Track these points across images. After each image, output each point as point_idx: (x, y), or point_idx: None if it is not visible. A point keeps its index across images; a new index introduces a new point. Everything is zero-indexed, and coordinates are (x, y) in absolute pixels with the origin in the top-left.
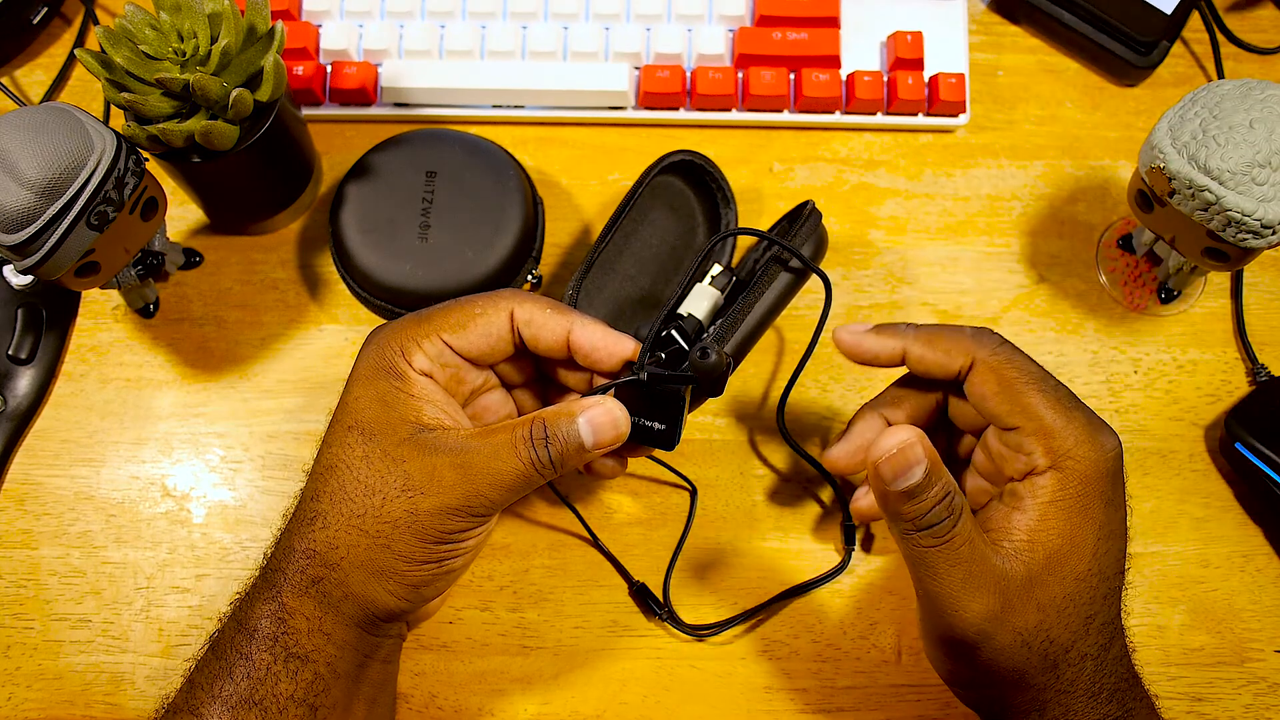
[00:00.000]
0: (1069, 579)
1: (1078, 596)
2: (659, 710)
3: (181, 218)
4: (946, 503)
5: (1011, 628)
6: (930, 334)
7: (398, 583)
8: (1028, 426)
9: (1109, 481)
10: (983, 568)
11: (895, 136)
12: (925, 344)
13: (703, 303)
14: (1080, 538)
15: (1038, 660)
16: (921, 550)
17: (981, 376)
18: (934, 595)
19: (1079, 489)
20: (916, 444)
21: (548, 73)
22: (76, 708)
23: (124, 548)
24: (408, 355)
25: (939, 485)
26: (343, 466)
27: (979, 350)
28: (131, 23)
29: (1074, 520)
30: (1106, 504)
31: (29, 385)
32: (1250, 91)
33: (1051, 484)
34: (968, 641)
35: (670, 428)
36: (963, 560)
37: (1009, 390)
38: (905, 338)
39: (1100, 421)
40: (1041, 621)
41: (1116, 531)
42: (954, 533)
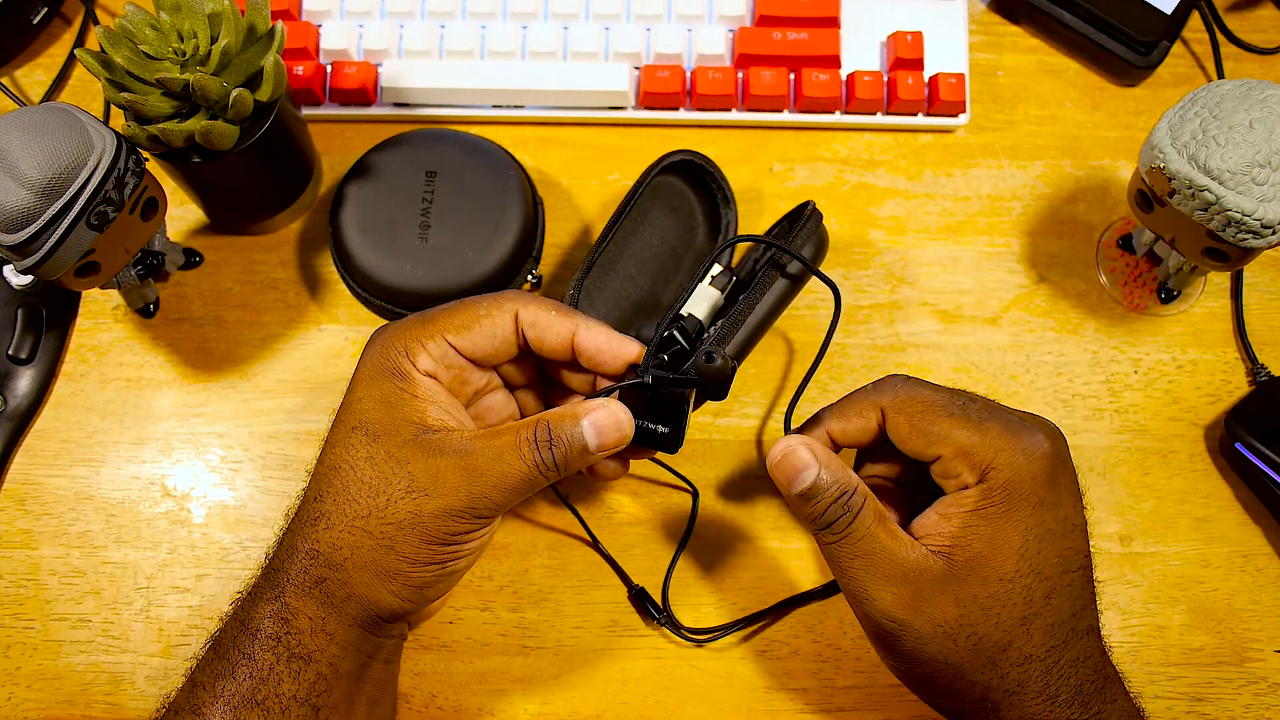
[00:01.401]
0: (992, 580)
1: (1005, 597)
2: (659, 710)
3: (181, 218)
4: (842, 501)
5: (928, 617)
6: (840, 407)
7: (401, 584)
8: (947, 452)
9: (1038, 482)
10: (887, 559)
11: (895, 136)
12: (840, 418)
13: (703, 303)
14: (1003, 540)
15: (969, 655)
16: (826, 547)
17: (893, 422)
18: (845, 589)
19: (1001, 496)
20: (800, 449)
21: (548, 73)
22: (76, 708)
23: (124, 548)
24: (412, 356)
25: (833, 486)
26: (346, 467)
27: (882, 398)
28: (131, 23)
29: (996, 525)
30: (1036, 506)
31: (29, 385)
32: (1250, 91)
33: (975, 495)
34: (885, 630)
35: (674, 430)
36: (862, 553)
37: (919, 425)
38: (824, 424)
39: (1021, 425)
40: (962, 616)
41: (1055, 531)
42: (851, 528)
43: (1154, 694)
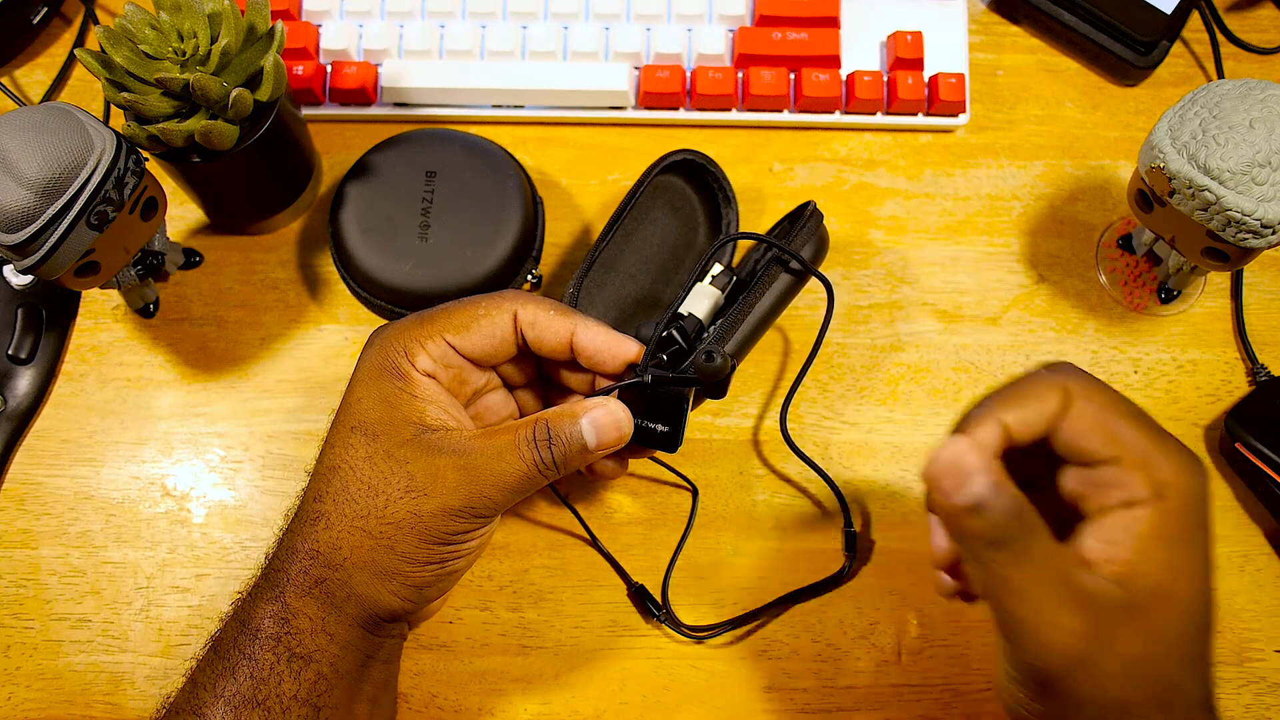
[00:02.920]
0: (1179, 611)
1: (1189, 631)
2: (659, 710)
3: (181, 218)
4: (1018, 515)
5: (1115, 652)
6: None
7: (400, 583)
8: (1126, 459)
9: (1207, 511)
10: (1072, 584)
11: (895, 136)
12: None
13: (703, 302)
14: (1189, 568)
15: (1144, 696)
16: (998, 570)
17: (1078, 413)
18: (1018, 619)
19: (1182, 519)
20: (970, 452)
21: (548, 73)
22: (76, 708)
23: (124, 548)
24: (411, 356)
25: (1006, 496)
26: (345, 467)
27: (1069, 385)
28: (131, 23)
29: (1177, 552)
30: (1206, 535)
31: (29, 385)
32: (1250, 91)
33: (1153, 516)
34: (1062, 667)
35: (673, 429)
36: (1045, 578)
37: (1104, 421)
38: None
39: (1189, 450)
40: (1149, 651)
41: (1212, 563)
42: (1033, 548)
43: None
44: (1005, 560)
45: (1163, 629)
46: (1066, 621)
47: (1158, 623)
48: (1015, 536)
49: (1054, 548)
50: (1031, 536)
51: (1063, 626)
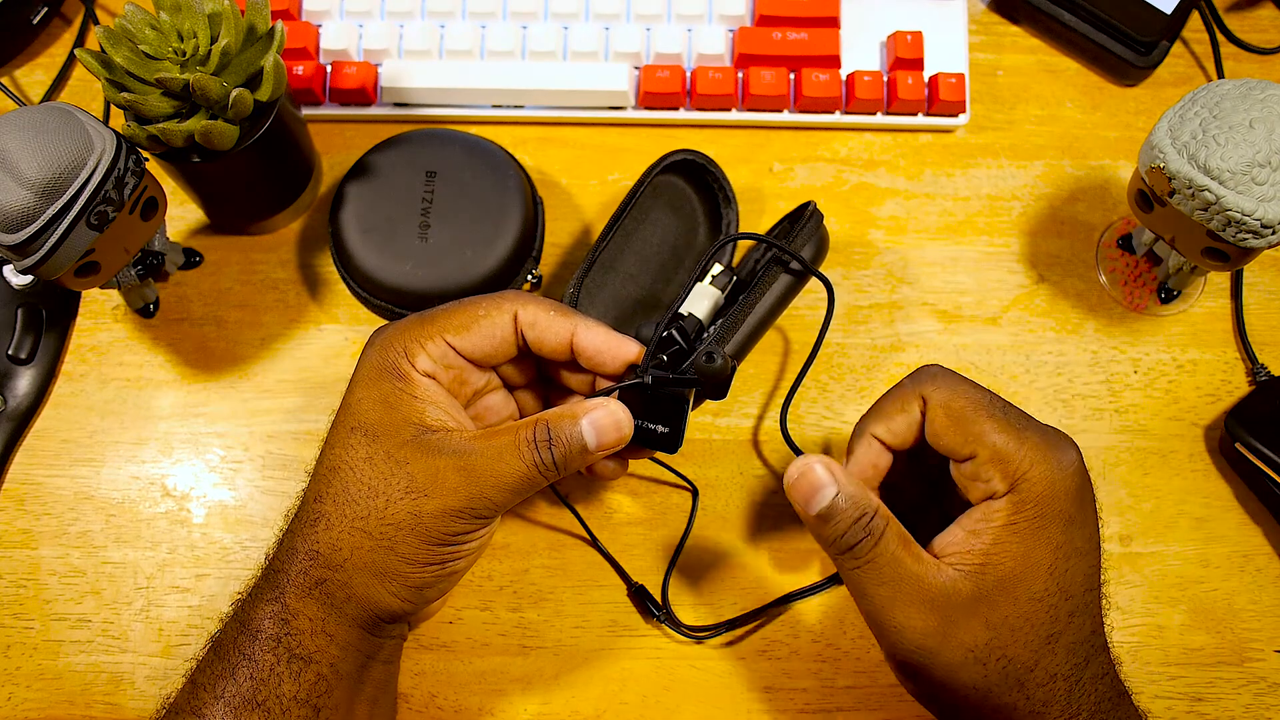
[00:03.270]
0: (1023, 599)
1: (1034, 616)
2: (659, 710)
3: (181, 218)
4: (863, 523)
5: (958, 643)
6: (878, 409)
7: (400, 584)
8: (982, 454)
9: (1069, 499)
10: (914, 585)
11: (895, 136)
12: (882, 419)
13: (703, 302)
14: (1035, 558)
15: (998, 678)
16: (848, 573)
17: (933, 414)
18: (868, 615)
19: (1034, 510)
20: (817, 467)
21: (548, 73)
22: (76, 708)
23: (124, 548)
24: (411, 356)
25: (851, 507)
26: (345, 468)
27: (922, 388)
28: (131, 23)
29: (1028, 542)
30: (1067, 523)
31: (29, 385)
32: (1250, 91)
33: (1006, 508)
34: (912, 661)
35: (673, 430)
36: (889, 580)
37: (959, 421)
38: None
39: (1056, 438)
40: (993, 639)
41: (1082, 549)
42: (874, 552)
43: (1154, 694)
44: (850, 564)
45: (1005, 617)
46: (910, 620)
47: (1000, 612)
48: (860, 542)
49: (902, 551)
50: (879, 541)
51: (905, 625)
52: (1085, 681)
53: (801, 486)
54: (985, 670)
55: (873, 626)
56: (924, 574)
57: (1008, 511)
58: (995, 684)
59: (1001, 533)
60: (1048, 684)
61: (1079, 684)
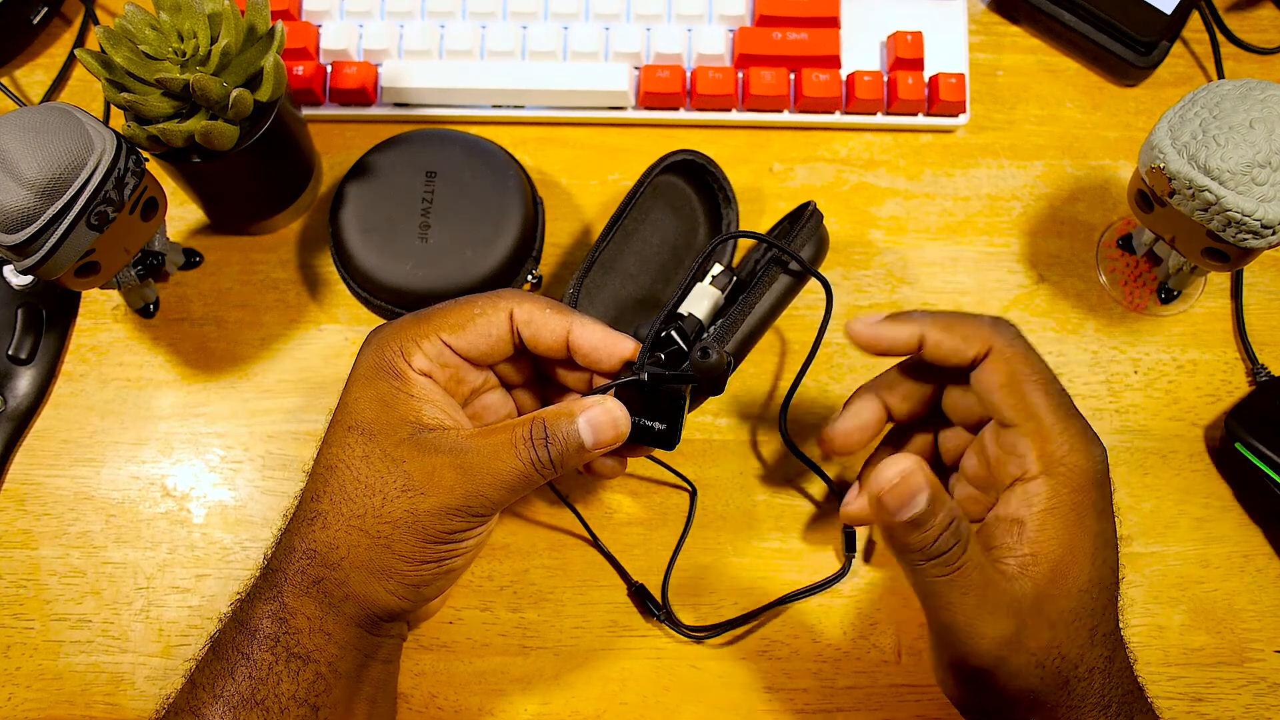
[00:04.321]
0: (1073, 591)
1: (1082, 609)
2: (659, 710)
3: (181, 218)
4: (953, 529)
5: (1026, 650)
6: (948, 320)
7: (398, 582)
8: (1026, 425)
9: (1102, 491)
10: (995, 591)
11: (895, 136)
12: (943, 329)
13: (703, 302)
14: (1079, 545)
15: (1051, 679)
16: (932, 580)
17: (994, 366)
18: (948, 625)
19: (1072, 496)
20: (917, 471)
21: (548, 73)
22: (76, 708)
23: (124, 548)
24: (407, 355)
25: (944, 512)
26: (343, 467)
27: (997, 339)
28: (131, 23)
29: (1071, 528)
30: (1100, 513)
31: (29, 385)
32: (1250, 91)
33: (1045, 491)
34: (983, 669)
35: (670, 427)
36: (975, 586)
37: (1016, 385)
38: (922, 323)
39: (1093, 432)
40: (1053, 639)
41: (1110, 540)
42: (964, 559)
43: (1154, 694)
44: (939, 572)
45: (1061, 613)
46: (989, 629)
47: (1058, 608)
48: (952, 549)
49: (980, 556)
50: (966, 548)
51: (985, 634)
52: (1114, 673)
53: (901, 491)
54: (1043, 672)
55: (946, 634)
56: (1003, 580)
57: (1046, 495)
58: (1048, 685)
59: (1044, 518)
60: (1087, 679)
61: (1110, 676)
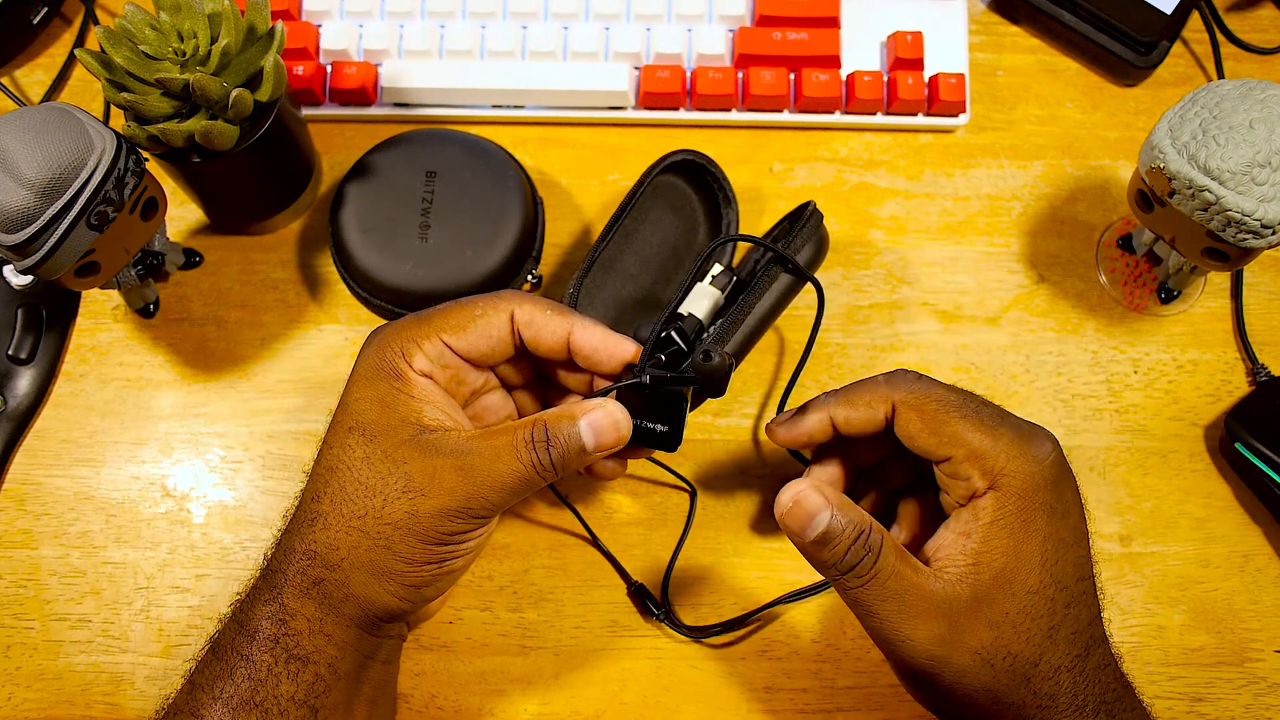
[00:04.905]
0: (1020, 594)
1: (1033, 610)
2: (659, 710)
3: (181, 218)
4: (861, 542)
5: (966, 648)
6: (847, 394)
7: (398, 583)
8: (958, 454)
9: (1049, 491)
10: (917, 596)
11: (895, 136)
12: (846, 405)
13: (703, 302)
14: (1026, 552)
15: (1005, 677)
16: (849, 593)
17: (904, 417)
18: (876, 632)
19: (1018, 504)
20: (811, 493)
21: (548, 73)
22: (76, 708)
23: (124, 548)
24: (408, 356)
25: (849, 527)
26: (343, 468)
27: (894, 393)
28: (131, 23)
29: (1017, 536)
30: (1050, 514)
31: (29, 385)
32: (1250, 91)
33: (991, 504)
34: (923, 670)
35: (672, 429)
36: (892, 593)
37: (932, 423)
38: (826, 407)
39: (1031, 431)
40: (997, 639)
41: (1067, 539)
42: (876, 568)
43: (1154, 694)
44: (855, 583)
45: (1005, 614)
46: (918, 631)
47: (1001, 610)
48: (861, 560)
49: (901, 564)
50: (878, 557)
51: (914, 636)
52: (1089, 672)
53: (797, 514)
54: (993, 670)
55: (881, 643)
56: (924, 583)
57: (992, 508)
58: (1004, 683)
59: (989, 530)
60: (1052, 677)
61: (1082, 675)
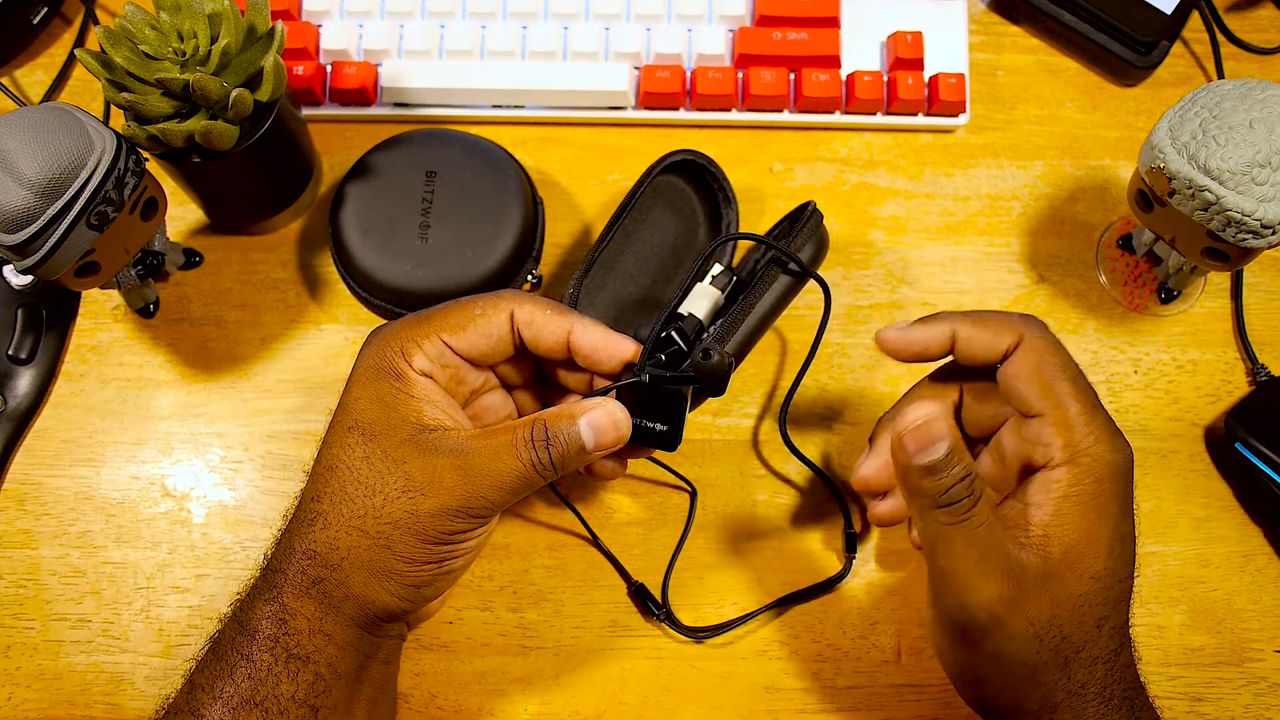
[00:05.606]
0: (1085, 577)
1: (1092, 597)
2: (659, 710)
3: (181, 218)
4: (967, 482)
5: (1024, 616)
6: (979, 316)
7: (398, 583)
8: (1052, 415)
9: (1123, 483)
10: (999, 552)
11: (895, 136)
12: (975, 324)
13: (703, 302)
14: (1096, 534)
15: (1049, 656)
16: (939, 527)
17: (1023, 356)
18: (948, 573)
19: (1094, 486)
20: (940, 419)
21: (548, 73)
22: (76, 708)
23: (124, 548)
24: (408, 356)
25: (960, 464)
26: (343, 467)
27: (1027, 331)
28: (131, 23)
29: (1089, 517)
30: (1121, 506)
31: (29, 385)
32: (1250, 91)
33: (1067, 478)
34: (978, 624)
35: (672, 429)
36: (979, 541)
37: (1045, 374)
38: (953, 321)
39: (1119, 430)
40: (1055, 616)
41: (1128, 535)
42: (973, 513)
43: (1154, 694)
44: (947, 519)
45: (1068, 594)
46: (989, 585)
47: (1066, 589)
48: (960, 500)
49: (991, 517)
50: (974, 503)
51: (984, 589)
52: (1119, 668)
53: (919, 435)
54: (1040, 646)
55: (946, 584)
56: (1008, 543)
57: (1066, 482)
58: (1045, 661)
59: (1062, 503)
60: (1089, 666)
61: (1114, 669)
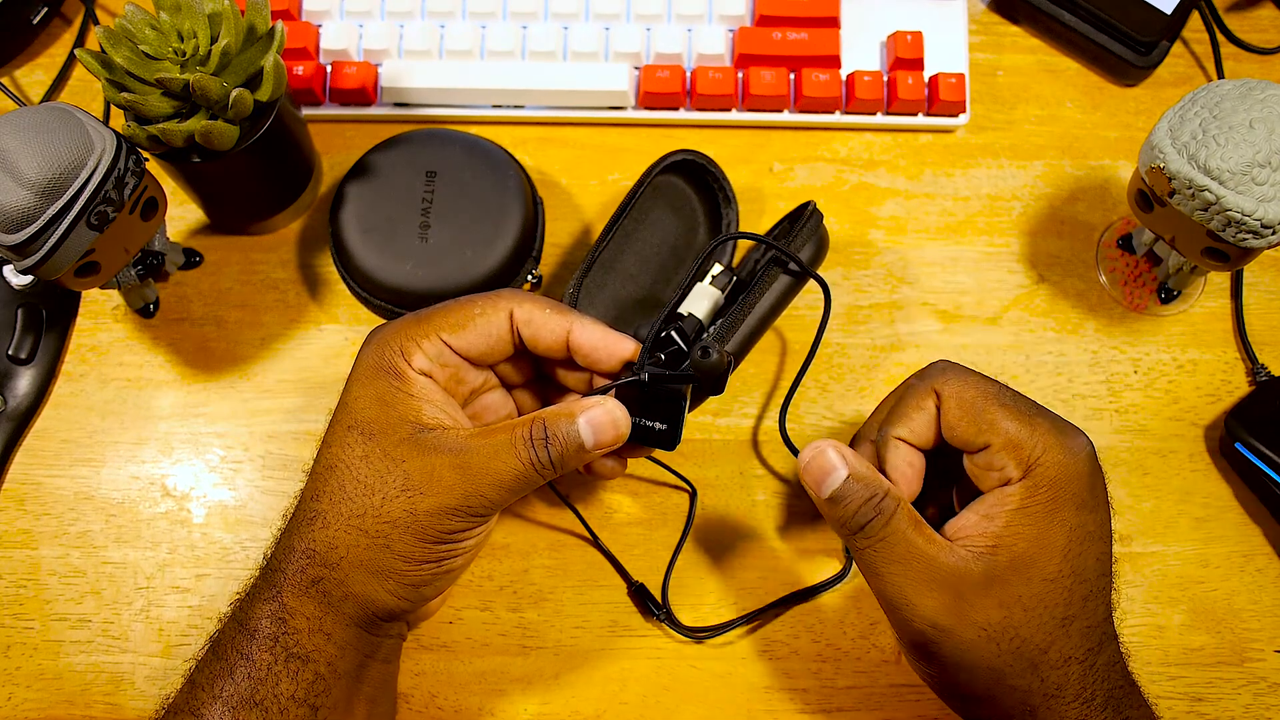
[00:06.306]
0: (1036, 580)
1: (1048, 598)
2: (659, 710)
3: (181, 218)
4: (872, 503)
5: (971, 621)
6: (897, 412)
7: (397, 582)
8: (995, 442)
9: (1081, 484)
10: (926, 564)
11: (895, 136)
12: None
13: (703, 302)
14: (1049, 540)
15: (1011, 659)
16: (860, 553)
17: (946, 407)
18: (881, 595)
19: (1048, 494)
20: (828, 450)
21: (548, 73)
22: (76, 708)
23: (124, 548)
24: (407, 355)
25: (861, 487)
26: (342, 466)
27: (935, 383)
28: (131, 23)
29: (1041, 524)
30: (1079, 507)
31: (29, 385)
32: (1250, 91)
33: (1020, 492)
34: (926, 637)
35: (671, 428)
36: (900, 558)
37: (970, 413)
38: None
39: (1065, 424)
40: (1006, 618)
41: (1094, 534)
42: (885, 531)
43: (1154, 694)
44: (864, 543)
45: (1018, 597)
46: (923, 598)
47: (1013, 592)
48: (871, 521)
49: (913, 532)
50: (889, 521)
51: (917, 602)
52: (1099, 667)
53: (814, 470)
54: (998, 649)
55: (885, 606)
56: (935, 553)
57: (1021, 495)
58: (1009, 664)
59: (1014, 516)
60: (1061, 667)
61: (1093, 669)
